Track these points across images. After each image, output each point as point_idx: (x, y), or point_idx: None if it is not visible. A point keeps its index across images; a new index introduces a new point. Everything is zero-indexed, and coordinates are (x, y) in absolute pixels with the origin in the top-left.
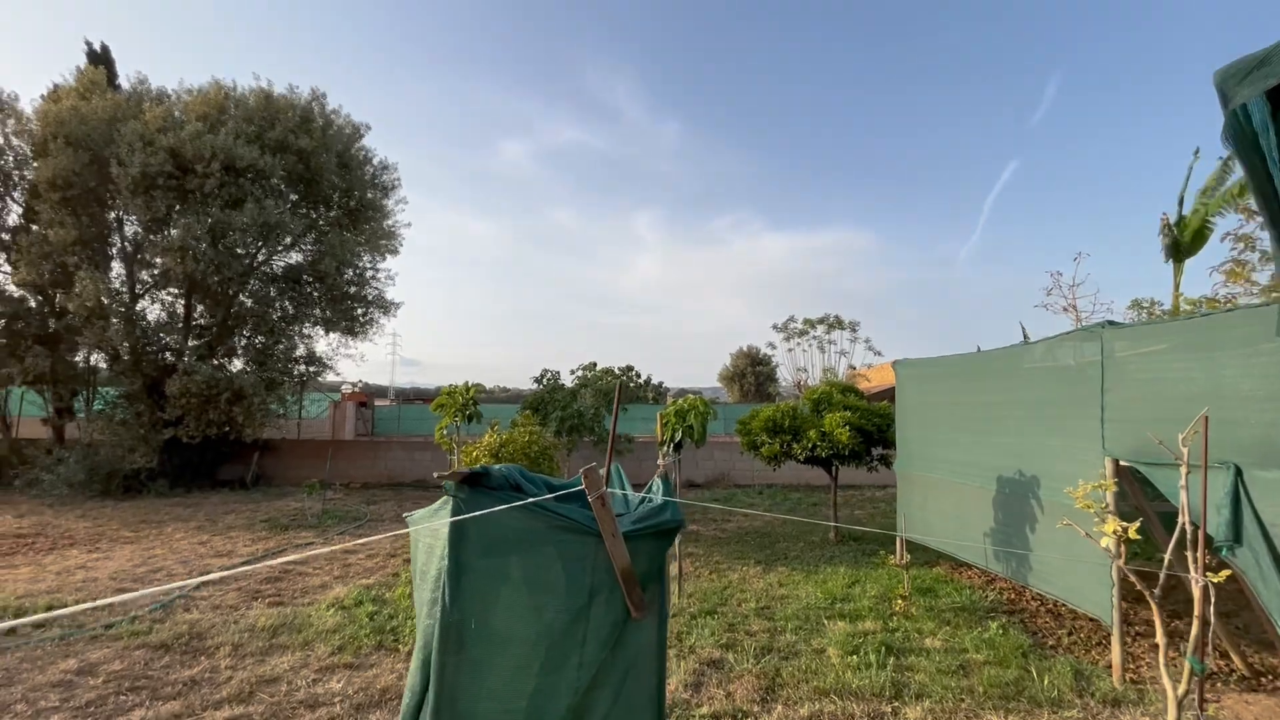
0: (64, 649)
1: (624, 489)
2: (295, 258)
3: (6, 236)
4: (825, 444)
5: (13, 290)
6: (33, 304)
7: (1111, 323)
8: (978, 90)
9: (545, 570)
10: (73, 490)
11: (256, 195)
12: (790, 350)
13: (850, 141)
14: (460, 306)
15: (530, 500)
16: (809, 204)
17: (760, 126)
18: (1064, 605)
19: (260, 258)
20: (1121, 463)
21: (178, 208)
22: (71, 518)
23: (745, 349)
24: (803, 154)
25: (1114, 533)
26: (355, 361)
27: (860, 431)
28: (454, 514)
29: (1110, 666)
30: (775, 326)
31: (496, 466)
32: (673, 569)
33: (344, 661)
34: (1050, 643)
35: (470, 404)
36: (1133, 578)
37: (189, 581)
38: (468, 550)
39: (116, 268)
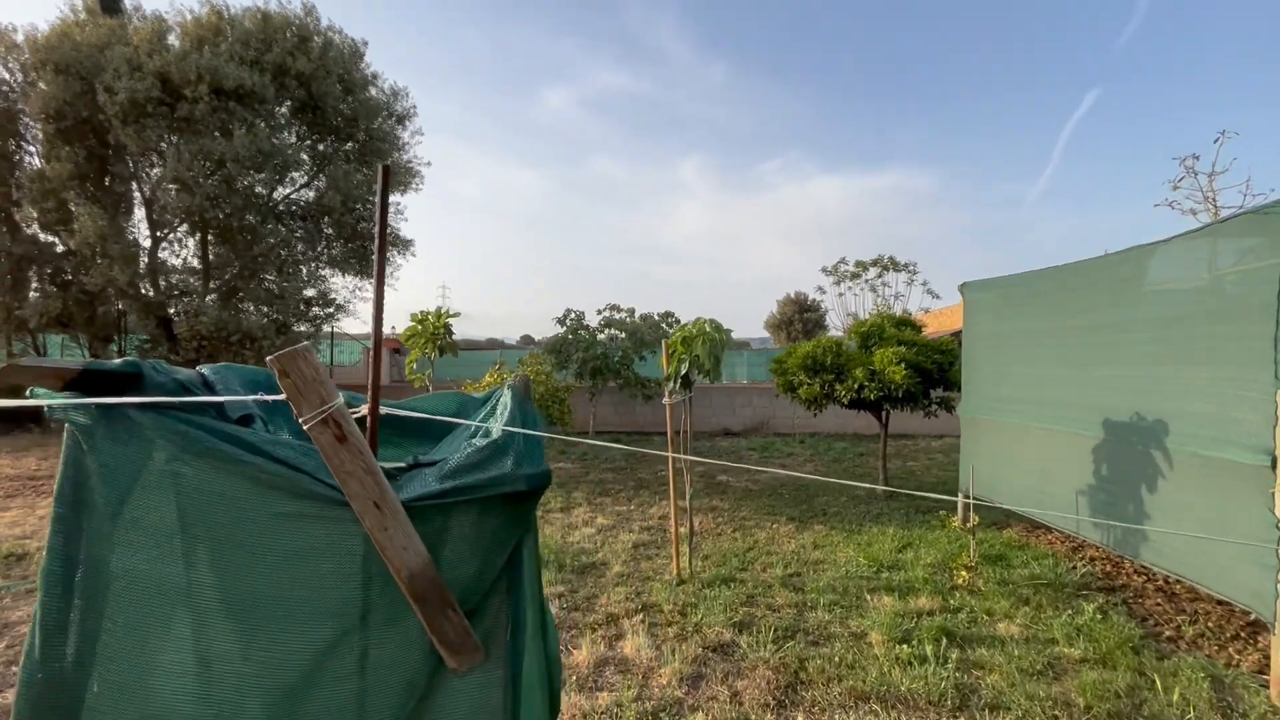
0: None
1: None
2: (306, 194)
3: (19, 174)
4: (875, 384)
5: (28, 231)
6: (41, 242)
7: None
8: (1054, 8)
9: (264, 574)
10: None
11: (249, 121)
12: (840, 295)
13: (908, 75)
14: (507, 259)
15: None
16: (863, 144)
17: (811, 63)
18: (1182, 583)
19: (260, 190)
20: None
21: (173, 139)
22: None
23: (793, 295)
24: (857, 92)
25: None
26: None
27: (917, 370)
28: (66, 457)
29: (1264, 674)
30: (825, 270)
31: (153, 363)
32: (684, 525)
33: None
34: (1167, 633)
35: (443, 333)
36: None
37: None
38: (96, 525)
39: (119, 206)
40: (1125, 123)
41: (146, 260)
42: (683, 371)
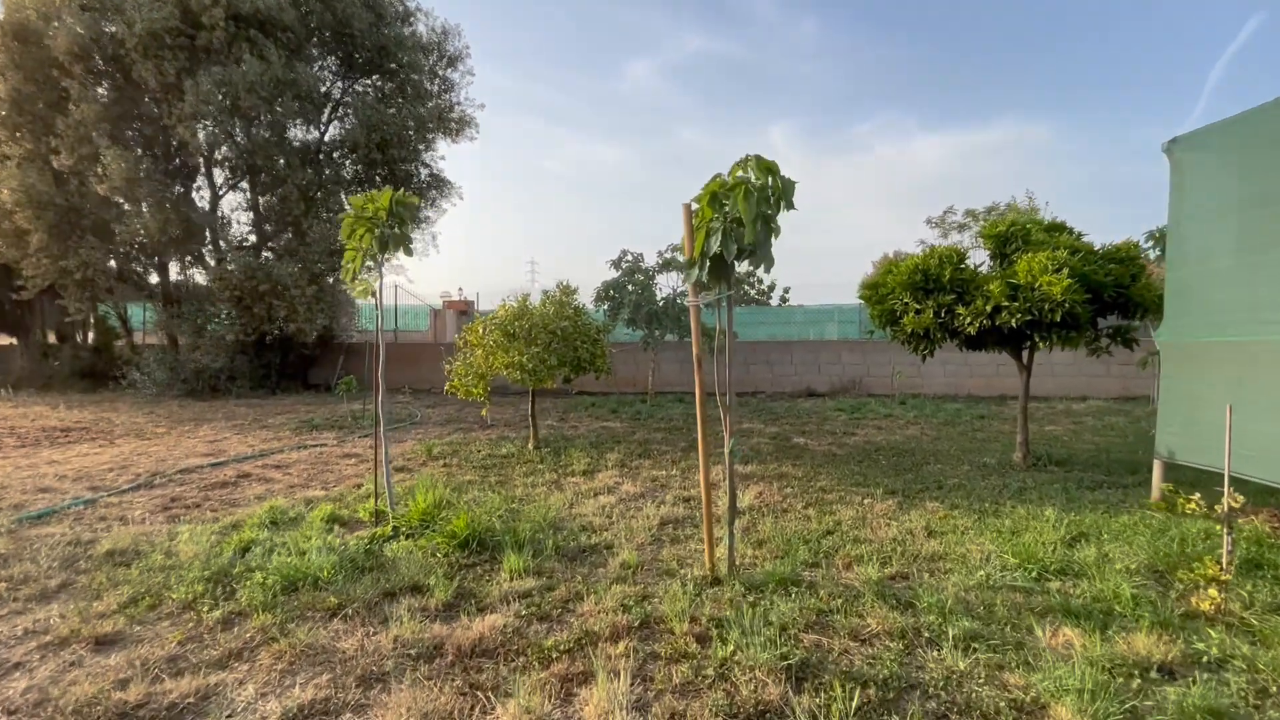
0: None
1: None
2: (335, 132)
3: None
4: (1018, 304)
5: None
6: (86, 192)
7: None
8: None
9: None
10: (160, 390)
11: (265, 49)
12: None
13: (1020, 13)
14: (593, 232)
15: None
16: (968, 97)
17: (908, 11)
18: None
19: (280, 125)
20: None
21: (197, 73)
22: (139, 414)
23: (890, 254)
24: (959, 36)
25: None
26: (419, 256)
27: (1084, 283)
28: None
29: None
30: (929, 221)
31: None
32: (731, 497)
33: (98, 632)
34: None
35: (394, 215)
36: None
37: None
38: None
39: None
40: None
41: (170, 205)
42: (713, 250)
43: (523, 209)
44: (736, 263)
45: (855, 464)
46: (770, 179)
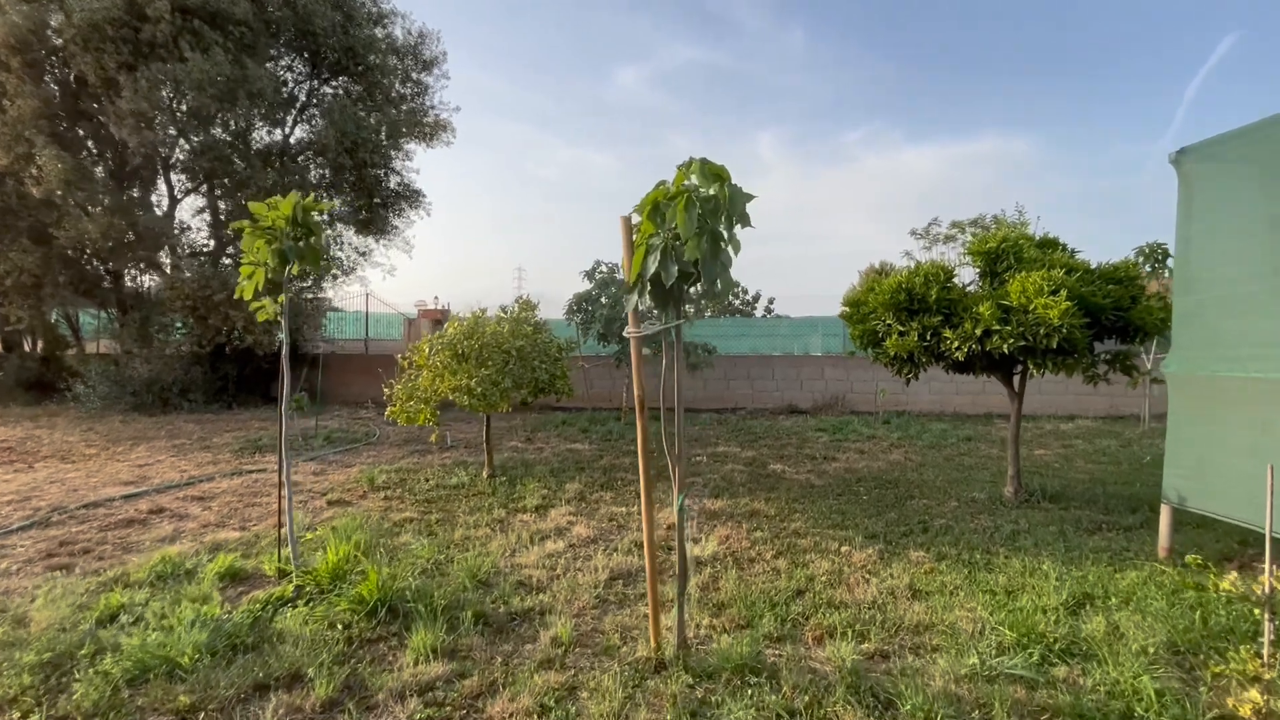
0: None
1: None
2: (302, 135)
3: None
4: (1010, 328)
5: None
6: (23, 193)
7: None
8: None
9: None
10: (105, 404)
11: (212, 45)
12: (932, 261)
13: (1006, 27)
14: (583, 240)
15: None
16: (955, 108)
17: (895, 23)
18: None
19: (234, 126)
20: None
21: (139, 69)
22: (75, 432)
23: (875, 265)
24: (946, 48)
25: None
26: (385, 271)
27: (1082, 306)
28: None
29: None
30: (914, 232)
31: None
32: (691, 550)
33: None
34: None
35: (299, 226)
36: None
37: None
38: None
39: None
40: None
41: (117, 209)
42: (650, 270)
43: (512, 215)
44: (687, 287)
45: (834, 497)
46: (716, 188)
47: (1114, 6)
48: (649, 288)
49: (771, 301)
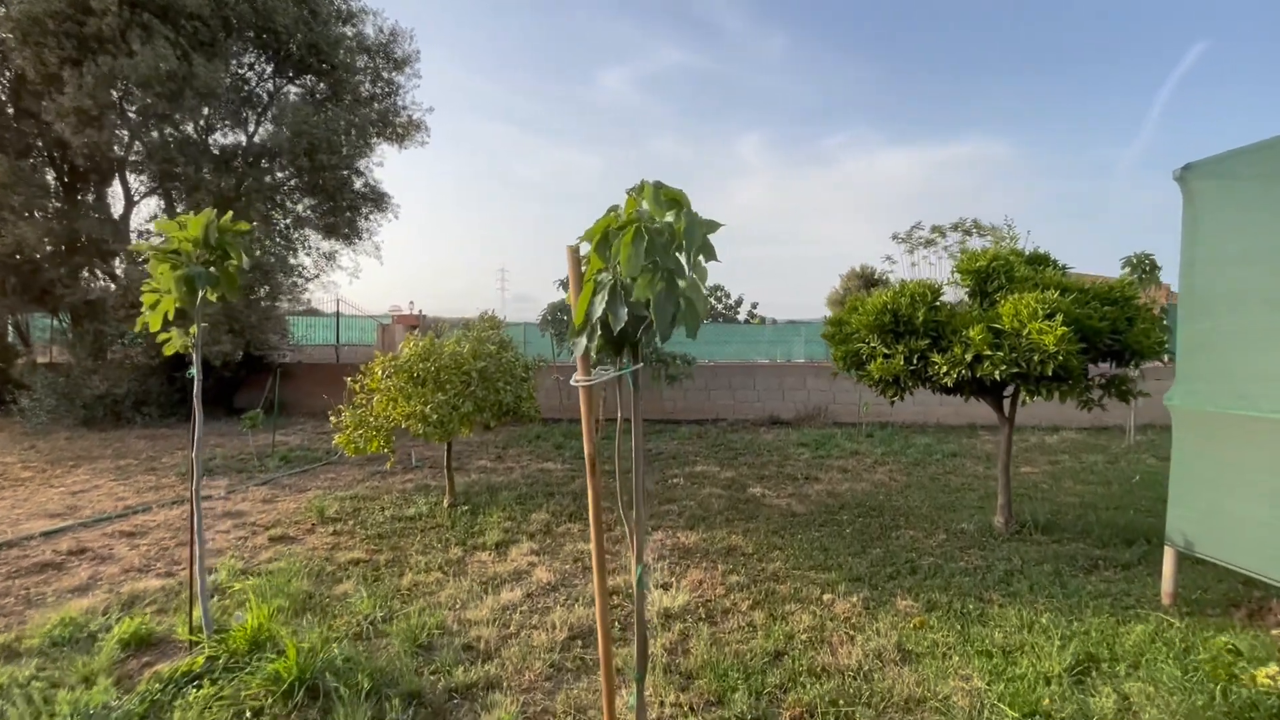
0: None
1: None
2: (264, 136)
3: None
4: (1002, 353)
5: None
6: None
7: None
8: None
9: None
10: (53, 418)
11: (159, 40)
12: (914, 265)
13: (984, 33)
14: (566, 242)
15: None
16: (934, 112)
17: (875, 28)
18: None
19: (192, 126)
20: None
21: (83, 64)
22: (12, 452)
23: (857, 268)
24: (927, 54)
25: None
26: (350, 274)
27: (1077, 330)
28: None
29: None
30: (895, 237)
31: None
32: (661, 599)
33: None
34: None
35: (213, 249)
36: None
37: None
38: None
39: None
40: (1241, 75)
41: (57, 214)
42: (598, 312)
43: (496, 216)
44: (640, 332)
45: (816, 528)
46: (673, 218)
47: (1089, 13)
48: (598, 331)
49: (755, 305)
